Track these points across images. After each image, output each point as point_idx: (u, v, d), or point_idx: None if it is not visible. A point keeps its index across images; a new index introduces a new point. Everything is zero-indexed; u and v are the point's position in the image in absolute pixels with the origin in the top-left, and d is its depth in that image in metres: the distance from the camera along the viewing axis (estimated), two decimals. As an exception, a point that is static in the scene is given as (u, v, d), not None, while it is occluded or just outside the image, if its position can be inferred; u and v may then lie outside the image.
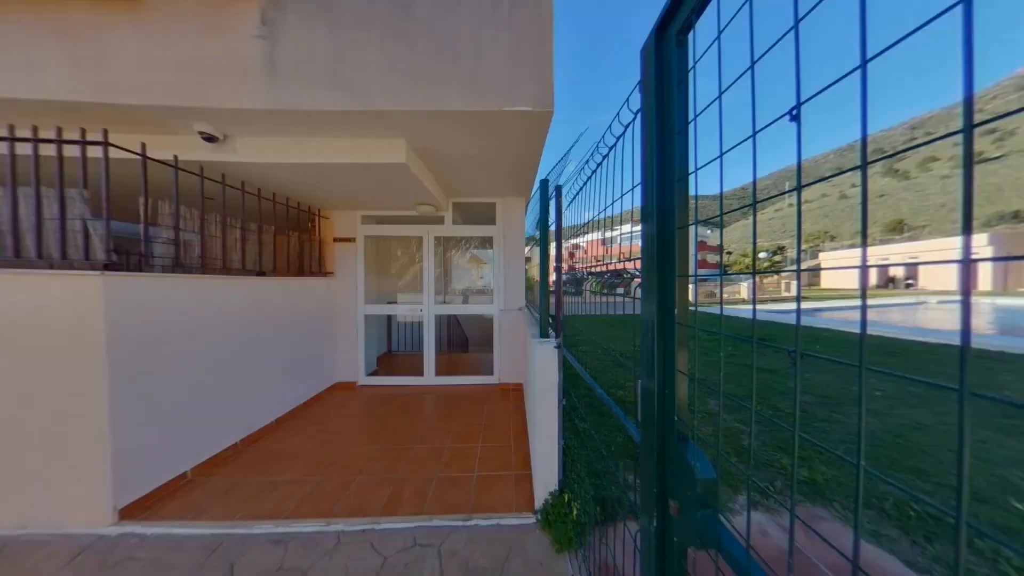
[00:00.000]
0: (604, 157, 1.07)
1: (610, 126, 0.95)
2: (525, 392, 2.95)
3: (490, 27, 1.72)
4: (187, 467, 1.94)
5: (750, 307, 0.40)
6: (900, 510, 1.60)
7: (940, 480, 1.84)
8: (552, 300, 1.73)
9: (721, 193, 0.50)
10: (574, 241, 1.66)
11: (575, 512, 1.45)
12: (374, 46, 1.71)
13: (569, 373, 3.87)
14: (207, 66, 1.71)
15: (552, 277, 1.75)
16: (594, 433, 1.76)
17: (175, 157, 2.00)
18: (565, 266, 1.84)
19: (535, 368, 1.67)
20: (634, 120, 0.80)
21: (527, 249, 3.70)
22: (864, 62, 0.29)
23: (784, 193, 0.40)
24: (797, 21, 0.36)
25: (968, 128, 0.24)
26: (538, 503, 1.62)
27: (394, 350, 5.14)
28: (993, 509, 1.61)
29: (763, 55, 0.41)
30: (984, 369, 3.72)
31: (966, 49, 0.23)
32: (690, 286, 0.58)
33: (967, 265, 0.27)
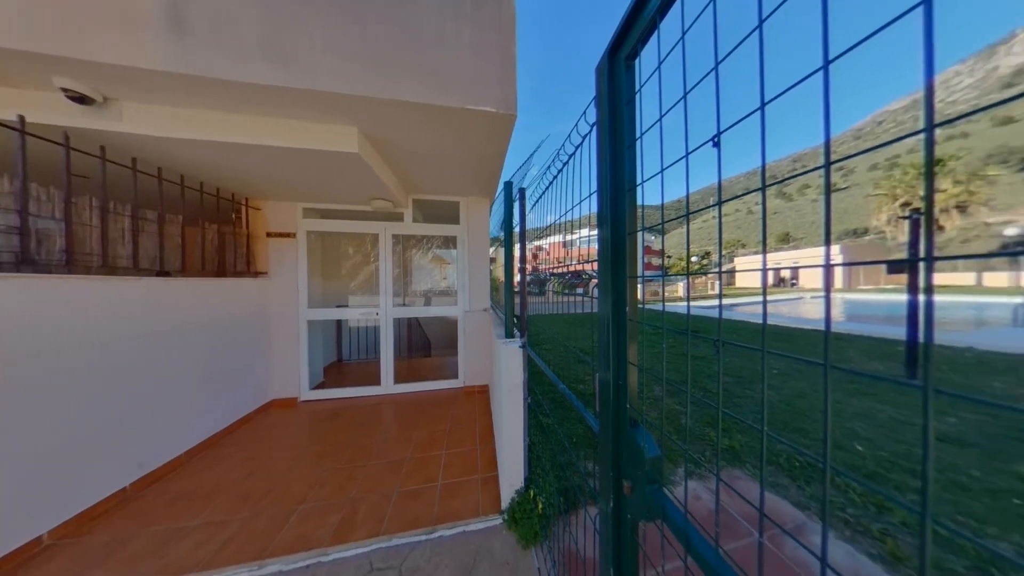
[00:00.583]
0: (564, 164, 1.13)
1: (569, 136, 1.00)
2: (491, 393, 2.94)
3: (452, 20, 1.67)
4: (44, 529, 1.47)
5: (685, 304, 0.46)
6: (790, 462, 2.01)
7: (816, 436, 2.37)
8: (517, 300, 1.76)
9: (663, 204, 0.57)
10: (537, 243, 1.72)
11: (540, 506, 1.49)
12: (319, 20, 1.53)
13: (534, 371, 3.98)
14: (83, 5, 1.33)
15: (517, 278, 1.78)
16: (557, 427, 1.84)
17: (20, 118, 1.51)
18: (529, 267, 1.89)
19: (501, 368, 1.67)
20: (590, 132, 0.86)
21: (492, 250, 3.70)
22: (762, 104, 0.37)
23: (709, 207, 0.47)
24: (717, 63, 0.43)
25: (827, 164, 0.31)
26: (504, 503, 1.63)
27: (345, 358, 4.65)
28: (845, 453, 2.14)
29: (694, 87, 0.48)
30: (838, 347, 4.92)
31: (825, 105, 0.31)
32: (638, 286, 0.64)
33: (828, 269, 0.35)
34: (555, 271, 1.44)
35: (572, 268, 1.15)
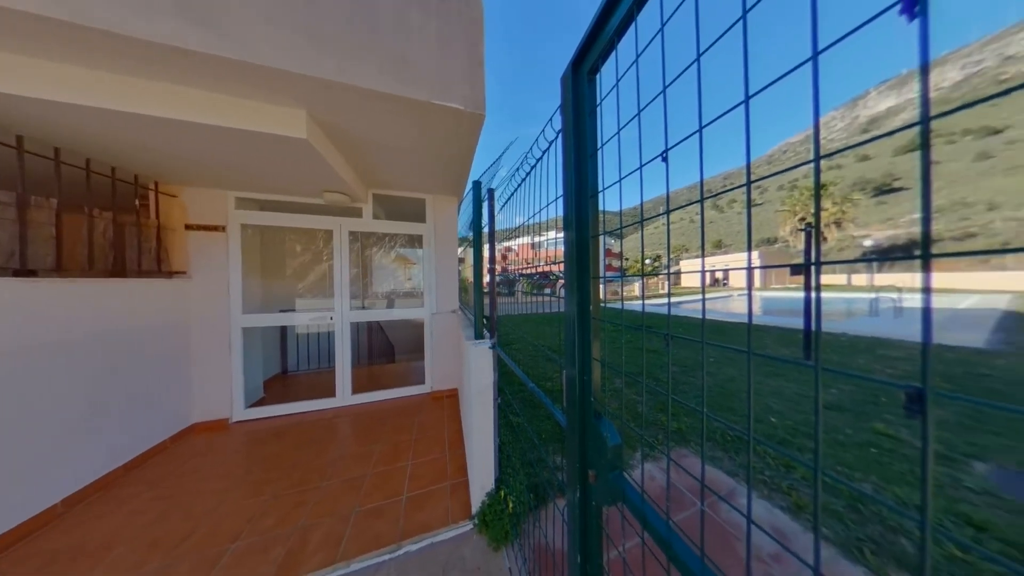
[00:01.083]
0: (532, 168, 1.16)
1: (536, 140, 1.03)
2: (460, 396, 2.88)
3: (418, 10, 1.61)
4: None
5: (640, 302, 0.50)
6: (724, 438, 2.34)
7: (742, 412, 2.79)
8: (487, 301, 1.75)
9: (621, 211, 0.62)
10: (506, 244, 1.73)
11: (511, 505, 1.50)
12: (257, -17, 1.34)
13: (504, 371, 3.99)
14: None
15: (486, 278, 1.77)
16: (527, 425, 1.87)
17: None
18: (498, 268, 1.90)
19: (471, 370, 1.65)
20: (556, 139, 0.90)
21: (460, 250, 3.62)
22: (700, 127, 0.42)
23: (659, 215, 0.52)
24: (665, 87, 0.48)
25: (748, 183, 0.38)
26: (475, 507, 1.60)
27: (292, 370, 4.13)
28: (762, 425, 2.55)
29: (646, 106, 0.53)
30: (758, 337, 5.87)
31: (746, 132, 0.37)
32: (600, 285, 0.69)
33: (750, 271, 0.42)
34: (524, 272, 1.46)
35: (541, 269, 1.19)
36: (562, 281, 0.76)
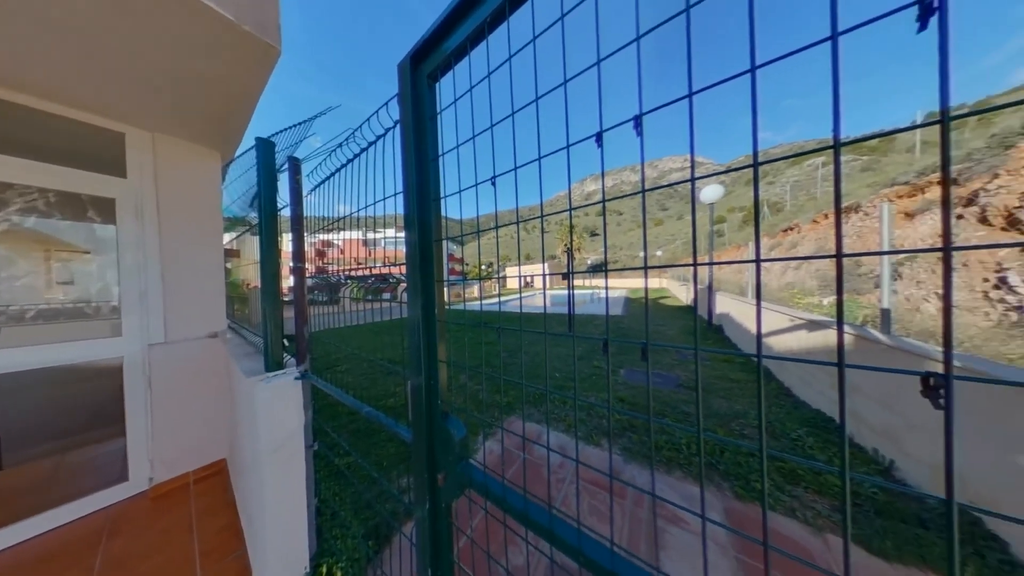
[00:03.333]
0: (363, 151, 0.98)
1: (368, 121, 0.89)
2: (232, 467, 1.84)
3: None
4: None
5: (478, 302, 0.58)
6: (538, 399, 3.22)
7: (542, 376, 3.97)
8: (290, 314, 1.25)
9: (461, 220, 0.68)
10: (323, 237, 1.33)
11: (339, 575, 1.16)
12: None
13: (325, 403, 3.04)
14: None
15: (288, 281, 1.26)
16: (362, 460, 1.53)
17: None
18: (312, 267, 1.42)
19: (258, 421, 1.10)
20: (394, 128, 0.82)
21: (230, 239, 2.33)
22: (515, 167, 0.56)
23: (491, 228, 0.63)
24: (492, 124, 0.59)
25: (541, 216, 0.55)
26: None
27: None
28: (553, 382, 3.79)
29: (481, 132, 0.62)
30: (551, 322, 8.67)
31: (539, 178, 0.54)
32: (445, 289, 0.71)
33: (544, 277, 0.60)
34: (353, 273, 1.19)
35: (378, 271, 1.02)
36: (404, 284, 0.70)
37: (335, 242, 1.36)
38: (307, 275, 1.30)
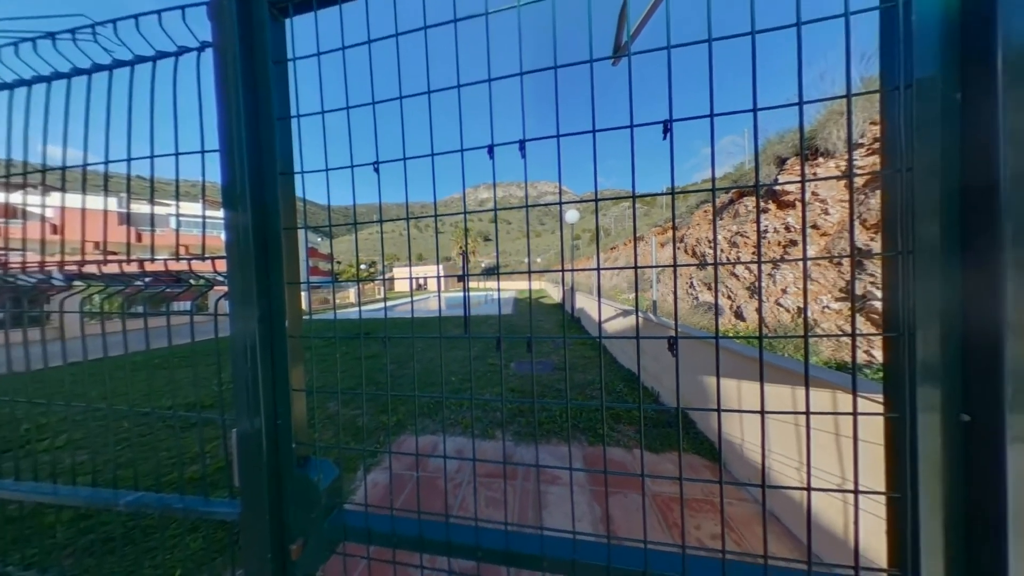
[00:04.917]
0: (121, 65, 0.59)
1: (136, 19, 0.54)
2: None
3: None
4: None
5: (357, 309, 0.48)
6: (431, 408, 3.01)
7: (439, 383, 3.78)
8: None
9: (329, 206, 0.55)
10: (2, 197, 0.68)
11: None
12: None
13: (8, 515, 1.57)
14: None
15: None
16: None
17: None
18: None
19: None
20: (200, 52, 0.55)
21: None
22: (404, 158, 0.51)
23: (374, 222, 0.54)
24: (374, 102, 0.51)
25: (435, 216, 0.52)
26: None
27: None
28: (449, 385, 3.70)
29: (361, 105, 0.52)
30: (446, 324, 8.42)
31: (433, 183, 0.51)
32: (303, 294, 0.54)
33: (439, 279, 0.58)
34: (94, 270, 0.67)
35: (159, 266, 0.62)
36: (222, 288, 0.48)
37: (34, 208, 0.74)
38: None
